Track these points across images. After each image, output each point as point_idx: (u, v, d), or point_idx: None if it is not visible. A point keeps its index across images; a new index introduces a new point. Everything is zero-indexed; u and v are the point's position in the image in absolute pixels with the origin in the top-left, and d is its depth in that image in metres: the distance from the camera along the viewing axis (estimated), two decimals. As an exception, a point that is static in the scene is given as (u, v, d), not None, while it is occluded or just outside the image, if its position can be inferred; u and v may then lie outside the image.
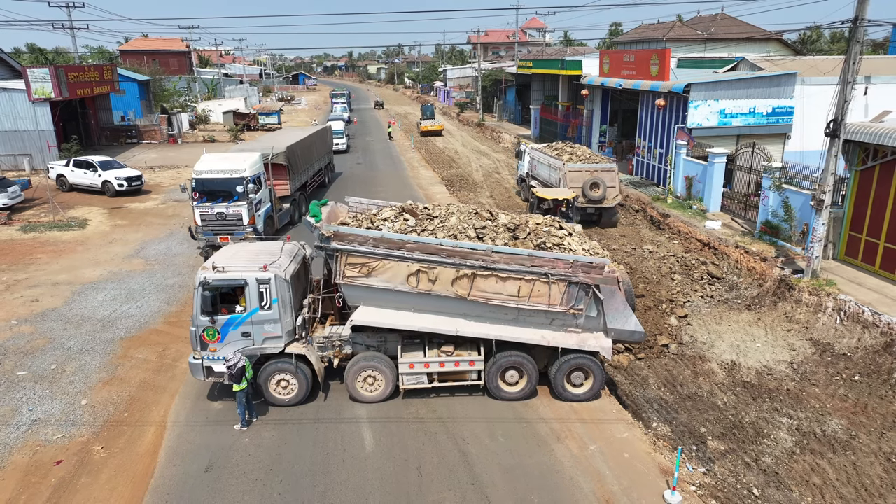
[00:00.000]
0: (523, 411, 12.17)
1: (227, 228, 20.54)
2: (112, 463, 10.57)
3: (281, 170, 24.32)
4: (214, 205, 20.56)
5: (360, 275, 11.74)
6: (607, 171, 24.84)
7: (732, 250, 20.99)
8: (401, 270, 11.70)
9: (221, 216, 20.57)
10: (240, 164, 20.95)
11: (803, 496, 10.70)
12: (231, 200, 20.59)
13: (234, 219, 20.59)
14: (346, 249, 11.61)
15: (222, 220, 20.58)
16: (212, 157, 21.88)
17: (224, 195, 20.66)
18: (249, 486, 9.97)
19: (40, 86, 34.53)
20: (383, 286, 11.80)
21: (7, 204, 26.25)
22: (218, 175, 20.68)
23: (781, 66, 29.60)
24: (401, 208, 13.29)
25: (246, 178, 20.61)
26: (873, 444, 11.98)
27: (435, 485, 10.04)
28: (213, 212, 20.52)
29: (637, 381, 14.66)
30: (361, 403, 12.38)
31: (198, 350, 11.82)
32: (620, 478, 10.20)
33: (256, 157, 22.09)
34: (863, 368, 14.34)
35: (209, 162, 21.35)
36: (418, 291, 11.78)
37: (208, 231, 20.57)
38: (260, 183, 21.81)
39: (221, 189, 20.66)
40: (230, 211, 20.56)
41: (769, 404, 13.46)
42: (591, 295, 12.08)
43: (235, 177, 20.58)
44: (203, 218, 20.53)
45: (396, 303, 11.96)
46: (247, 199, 20.61)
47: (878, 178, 17.34)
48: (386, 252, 11.59)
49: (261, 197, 21.73)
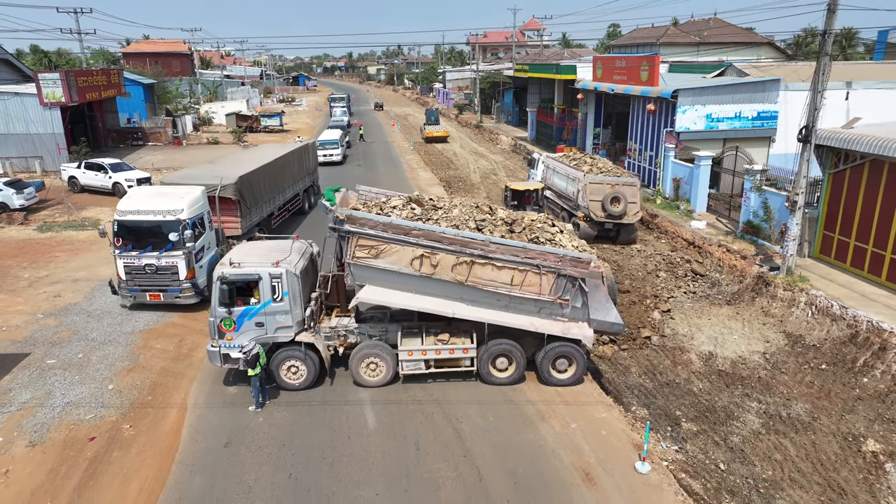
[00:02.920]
0: (512, 395, 13.33)
1: (158, 284, 16.94)
2: (140, 439, 11.73)
3: (231, 205, 20.28)
4: (142, 254, 16.75)
5: (369, 256, 12.85)
6: (629, 185, 23.41)
7: (715, 249, 22.13)
8: (406, 254, 12.80)
9: (151, 269, 16.77)
10: (176, 203, 16.92)
11: (764, 470, 11.81)
12: (164, 249, 16.74)
13: (167, 272, 16.81)
14: (357, 232, 12.71)
15: (152, 274, 16.83)
16: (141, 194, 18.04)
17: (155, 242, 16.81)
18: (265, 459, 11.14)
19: (51, 90, 35.62)
20: (389, 268, 12.89)
21: (23, 205, 27.40)
22: (147, 217, 16.75)
23: (766, 71, 30.73)
24: (408, 198, 14.55)
25: (183, 221, 16.63)
26: (833, 425, 13.09)
27: (431, 457, 11.19)
28: (141, 263, 16.74)
29: (620, 370, 15.79)
30: (365, 388, 13.53)
31: (215, 338, 12.96)
32: (597, 451, 11.35)
33: (198, 194, 17.93)
34: (830, 358, 15.44)
35: (137, 199, 17.36)
36: (420, 275, 12.87)
37: (134, 287, 17.02)
38: (203, 225, 17.75)
39: (152, 234, 16.79)
40: (162, 263, 16.71)
41: (741, 390, 14.56)
42: (578, 287, 13.20)
43: (170, 219, 16.58)
44: (128, 271, 16.86)
45: (400, 284, 13.03)
46: (184, 248, 16.76)
47: (848, 181, 18.47)
48: (393, 237, 12.70)
49: (204, 243, 17.71)
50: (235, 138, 50.60)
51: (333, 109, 66.43)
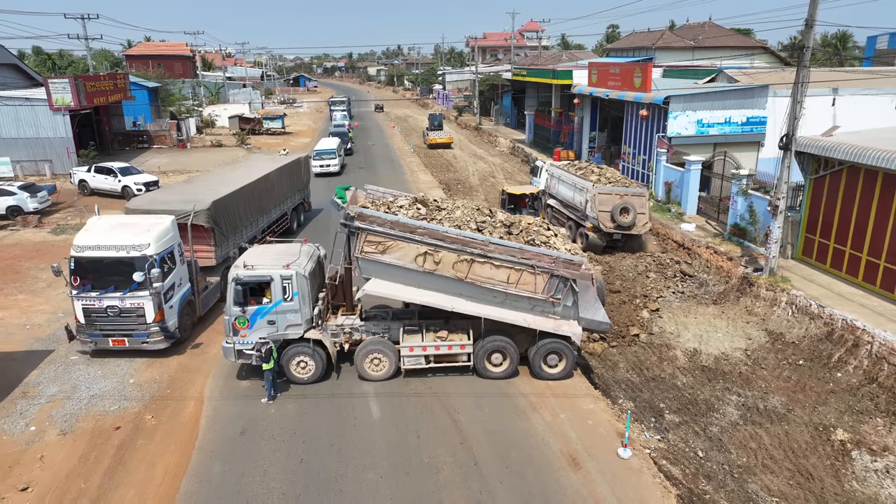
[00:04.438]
0: (506, 388, 14.31)
1: (122, 328, 14.92)
2: (162, 429, 12.70)
3: (204, 232, 18.03)
4: (104, 295, 14.71)
5: (376, 251, 13.81)
6: (638, 196, 23.34)
7: (704, 250, 23.08)
8: (410, 251, 13.75)
9: (114, 311, 14.71)
10: (142, 237, 14.87)
11: (740, 457, 12.75)
12: (128, 289, 14.72)
13: (132, 315, 14.81)
14: (366, 228, 13.67)
15: (115, 317, 14.81)
16: (101, 225, 15.72)
17: (118, 281, 14.77)
18: (278, 446, 12.12)
19: (60, 95, 36.57)
20: (394, 263, 13.84)
21: (37, 208, 28.40)
22: (109, 253, 14.64)
23: (756, 78, 31.67)
24: (414, 198, 15.56)
25: (150, 257, 14.61)
26: (806, 416, 14.02)
27: (430, 444, 12.17)
28: (102, 305, 14.69)
29: (609, 366, 16.74)
30: (369, 382, 14.50)
31: (230, 336, 13.94)
32: (583, 439, 12.33)
33: (167, 224, 15.79)
34: (807, 354, 16.37)
35: (97, 232, 15.21)
36: (423, 270, 13.82)
37: (95, 332, 14.93)
38: (172, 260, 15.73)
39: (114, 272, 14.75)
40: (127, 304, 14.69)
41: (722, 385, 15.50)
42: (569, 287, 14.15)
43: (135, 255, 14.56)
44: (87, 314, 14.78)
45: (404, 279, 13.97)
46: (151, 288, 14.67)
47: (828, 187, 19.41)
48: (400, 234, 13.65)
49: (174, 279, 15.71)
50: (238, 141, 51.55)
51: (333, 113, 64.70)
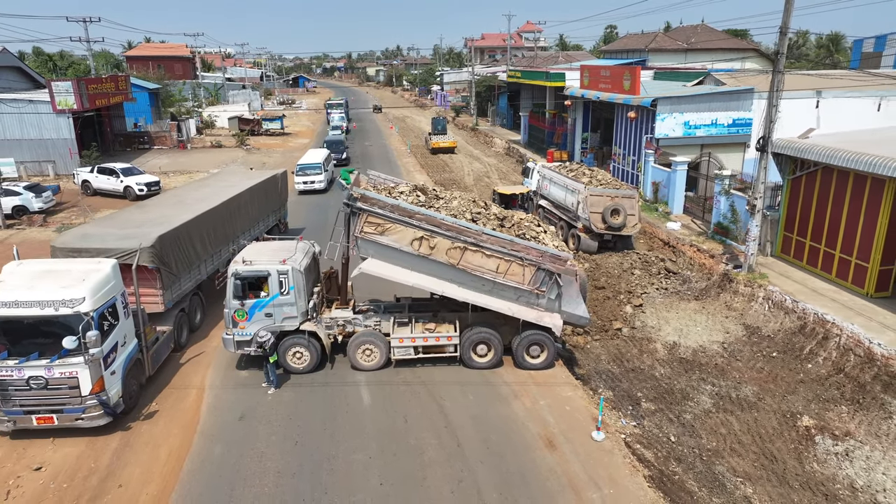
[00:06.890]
0: (490, 377, 15.11)
1: (50, 403, 11.96)
2: (165, 415, 13.49)
3: (149, 273, 14.98)
4: (24, 363, 11.79)
5: (375, 232, 14.60)
6: (628, 197, 23.92)
7: (688, 248, 23.89)
8: (407, 235, 14.53)
9: (38, 384, 11.77)
10: (74, 289, 11.79)
11: (709, 441, 13.54)
12: (57, 355, 11.84)
13: (62, 387, 11.85)
14: (367, 210, 14.47)
15: (40, 390, 11.83)
16: (21, 274, 12.40)
17: (44, 345, 12.08)
18: (275, 429, 12.91)
19: (63, 98, 37.39)
20: (391, 245, 14.61)
21: (42, 208, 29.21)
22: (31, 311, 11.61)
23: (743, 81, 32.46)
24: (414, 186, 16.41)
25: (87, 315, 11.60)
26: (775, 404, 14.80)
27: (417, 428, 12.97)
28: (22, 376, 11.75)
29: (591, 358, 17.54)
30: (361, 371, 15.28)
31: (230, 327, 14.73)
32: (560, 423, 13.12)
33: (107, 271, 12.69)
34: (781, 347, 17.15)
35: (16, 284, 12.02)
36: (419, 254, 14.60)
37: (14, 408, 11.96)
38: (115, 314, 12.68)
39: (38, 334, 12.18)
40: (55, 374, 11.77)
41: (698, 375, 16.27)
42: (554, 281, 14.93)
43: (66, 313, 11.60)
44: (3, 387, 11.79)
45: (399, 261, 14.73)
46: (87, 354, 11.53)
47: (804, 187, 20.22)
48: (399, 218, 14.44)
49: (117, 338, 12.68)
50: (238, 142, 52.33)
51: (331, 115, 63.10)
